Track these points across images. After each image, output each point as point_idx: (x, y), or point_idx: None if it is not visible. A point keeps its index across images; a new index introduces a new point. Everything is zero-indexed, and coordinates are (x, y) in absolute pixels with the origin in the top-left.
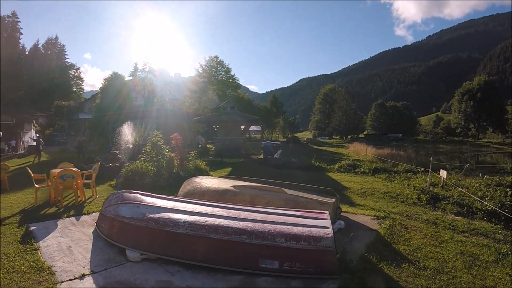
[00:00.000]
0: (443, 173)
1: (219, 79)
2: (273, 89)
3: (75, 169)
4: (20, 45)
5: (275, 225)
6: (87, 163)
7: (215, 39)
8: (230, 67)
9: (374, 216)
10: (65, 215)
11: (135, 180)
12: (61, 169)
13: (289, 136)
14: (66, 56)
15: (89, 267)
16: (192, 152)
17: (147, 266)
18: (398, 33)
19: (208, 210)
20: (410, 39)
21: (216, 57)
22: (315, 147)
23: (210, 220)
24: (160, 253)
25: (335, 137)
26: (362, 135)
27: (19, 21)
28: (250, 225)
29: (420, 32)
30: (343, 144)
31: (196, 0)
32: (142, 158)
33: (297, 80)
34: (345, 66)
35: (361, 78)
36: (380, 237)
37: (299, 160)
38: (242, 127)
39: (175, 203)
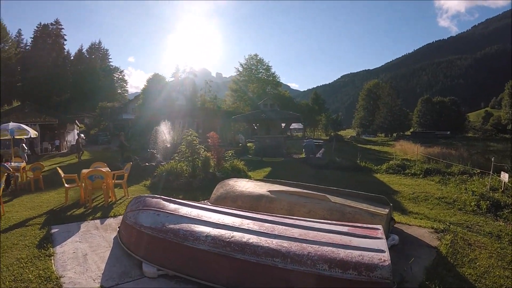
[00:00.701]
0: (505, 176)
1: (259, 77)
2: (315, 86)
3: (106, 169)
4: (65, 50)
5: (317, 246)
6: (124, 162)
7: (256, 39)
8: (270, 65)
9: (432, 228)
10: (91, 218)
11: (169, 180)
12: (90, 170)
13: (332, 134)
14: (109, 60)
15: (100, 280)
16: (229, 151)
17: (163, 285)
18: (442, 24)
19: (237, 222)
20: (454, 30)
21: (256, 55)
22: (359, 145)
23: (237, 235)
24: (179, 270)
25: (380, 134)
26: (408, 133)
27: (63, 28)
28: (285, 244)
29: (464, 22)
30: (389, 142)
31: (235, 1)
32: (177, 158)
33: (339, 77)
34: (388, 61)
35: (405, 73)
36: (441, 258)
37: (343, 160)
38: (283, 125)
39: (200, 212)
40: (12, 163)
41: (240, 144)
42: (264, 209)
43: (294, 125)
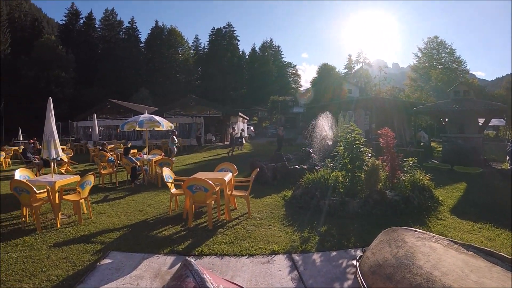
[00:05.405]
0: None
1: (441, 63)
2: (504, 74)
3: (226, 176)
4: (240, 50)
5: None
6: (275, 161)
7: (436, 25)
8: (453, 48)
9: None
10: (169, 249)
11: (315, 196)
12: (191, 177)
13: None
14: (282, 56)
15: None
16: (411, 159)
17: None
18: None
19: None
20: None
21: (436, 37)
22: None
23: None
24: None
25: None
26: None
27: (235, 30)
28: None
29: None
30: None
31: None
32: (331, 165)
33: None
34: None
35: None
36: None
37: None
38: (481, 121)
39: None
40: (144, 155)
41: (422, 144)
42: None
43: (494, 121)
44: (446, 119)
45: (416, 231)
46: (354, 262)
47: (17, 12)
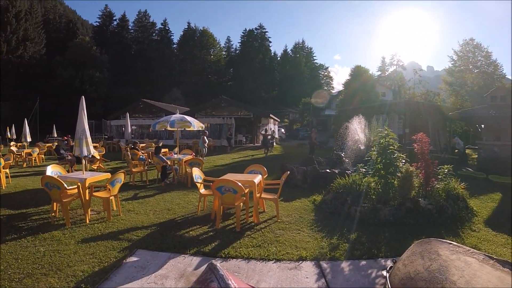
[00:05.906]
0: None
1: (477, 66)
2: None
3: (255, 178)
4: (271, 51)
5: None
6: (305, 164)
7: (473, 26)
8: (490, 51)
9: None
10: (195, 249)
11: (346, 201)
12: (221, 178)
13: None
14: (314, 58)
15: None
16: (446, 166)
17: None
18: None
19: None
20: None
21: (472, 39)
22: None
23: None
24: None
25: None
26: None
27: (267, 31)
28: None
29: None
30: None
31: None
32: (363, 170)
33: None
34: None
35: None
36: None
37: None
38: None
39: None
40: (175, 154)
41: (456, 151)
42: None
43: None
44: (482, 125)
45: (450, 243)
46: (384, 272)
47: (52, 14)
